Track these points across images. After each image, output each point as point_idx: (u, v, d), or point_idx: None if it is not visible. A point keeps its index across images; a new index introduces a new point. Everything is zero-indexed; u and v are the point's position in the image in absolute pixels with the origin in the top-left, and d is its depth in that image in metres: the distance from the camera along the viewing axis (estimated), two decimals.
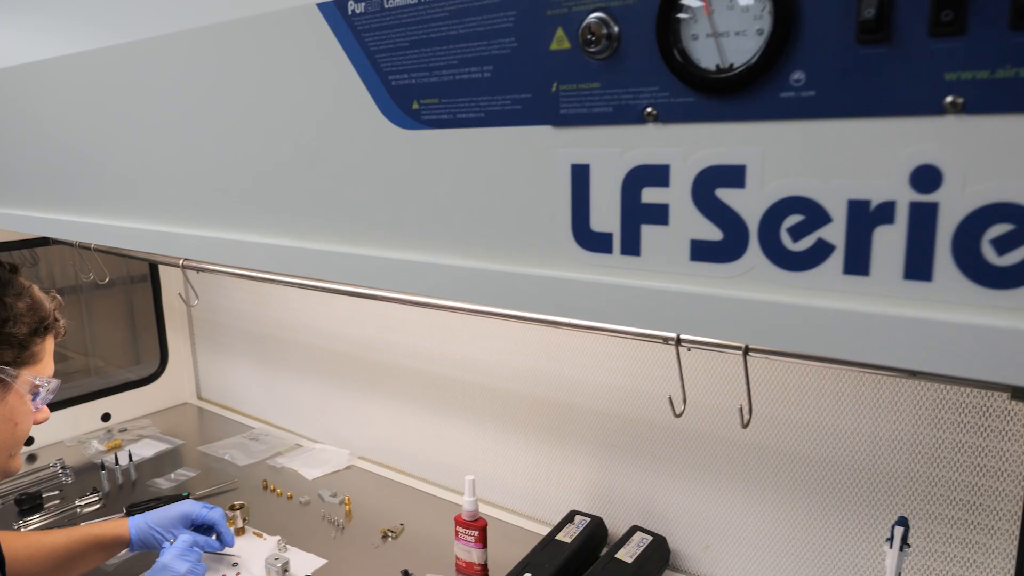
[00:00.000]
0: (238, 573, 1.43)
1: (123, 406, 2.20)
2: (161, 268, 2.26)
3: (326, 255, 0.77)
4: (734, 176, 0.52)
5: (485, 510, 1.44)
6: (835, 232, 0.49)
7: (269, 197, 0.83)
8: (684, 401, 0.96)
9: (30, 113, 1.21)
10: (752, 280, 0.52)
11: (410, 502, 1.71)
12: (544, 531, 1.56)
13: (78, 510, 1.67)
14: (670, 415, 1.37)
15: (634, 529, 1.41)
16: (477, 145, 0.65)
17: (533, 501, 1.62)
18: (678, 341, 0.92)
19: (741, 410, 0.88)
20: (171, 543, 1.28)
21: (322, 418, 2.03)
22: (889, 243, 0.47)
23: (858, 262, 0.48)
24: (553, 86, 0.59)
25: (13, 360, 0.99)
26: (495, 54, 0.62)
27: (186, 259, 1.59)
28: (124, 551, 1.37)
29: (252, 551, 1.49)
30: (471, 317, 1.60)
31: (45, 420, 1.08)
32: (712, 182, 0.53)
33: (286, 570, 1.40)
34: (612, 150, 0.57)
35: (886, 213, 0.47)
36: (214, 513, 1.42)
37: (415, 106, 0.68)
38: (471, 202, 0.66)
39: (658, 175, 0.55)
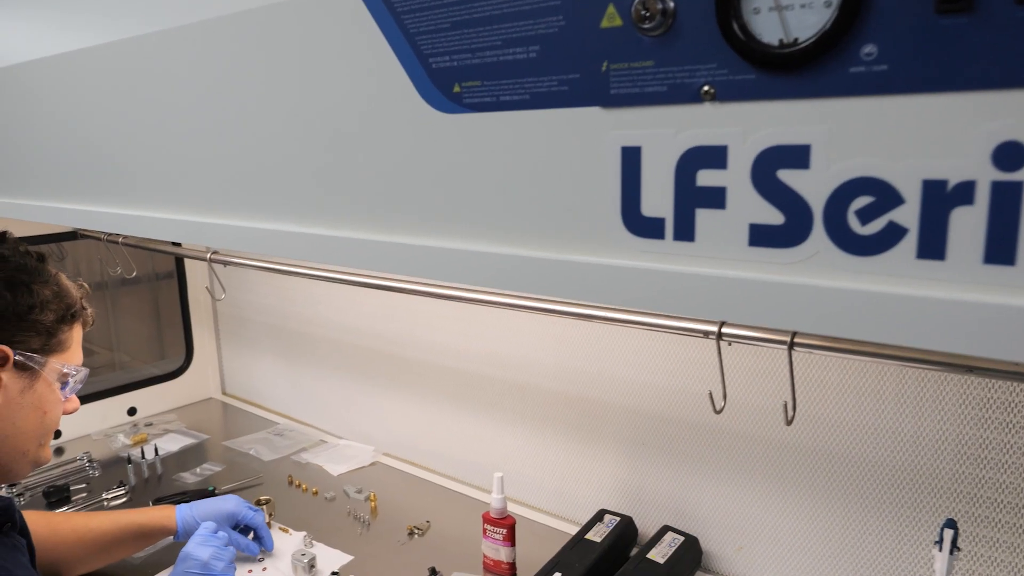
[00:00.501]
0: (264, 568, 1.42)
1: (149, 400, 2.21)
2: (187, 263, 2.27)
3: (362, 244, 0.76)
4: (798, 156, 0.50)
5: (512, 508, 1.42)
6: (908, 214, 0.46)
7: (303, 185, 0.82)
8: (724, 397, 0.93)
9: (59, 105, 1.21)
10: (816, 266, 0.50)
11: (436, 499, 1.69)
12: (572, 530, 1.53)
13: (105, 503, 1.67)
14: (703, 412, 1.35)
15: (665, 529, 1.38)
16: (521, 128, 0.63)
17: (561, 500, 1.60)
18: (719, 335, 0.90)
19: (786, 406, 0.85)
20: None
21: (347, 414, 2.02)
22: (968, 225, 0.44)
23: (933, 246, 0.46)
24: (603, 65, 0.57)
25: (40, 348, 0.98)
26: (541, 33, 0.60)
27: (214, 253, 1.58)
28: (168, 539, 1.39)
29: (278, 546, 1.48)
30: (499, 312, 1.58)
31: (75, 410, 1.07)
32: (773, 163, 0.51)
33: (313, 566, 1.39)
34: (665, 131, 0.55)
35: (965, 193, 0.44)
36: (258, 517, 1.43)
37: (456, 89, 0.66)
38: (514, 188, 0.64)
39: (715, 156, 0.53)
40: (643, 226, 0.57)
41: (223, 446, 1.99)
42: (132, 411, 2.17)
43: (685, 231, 0.55)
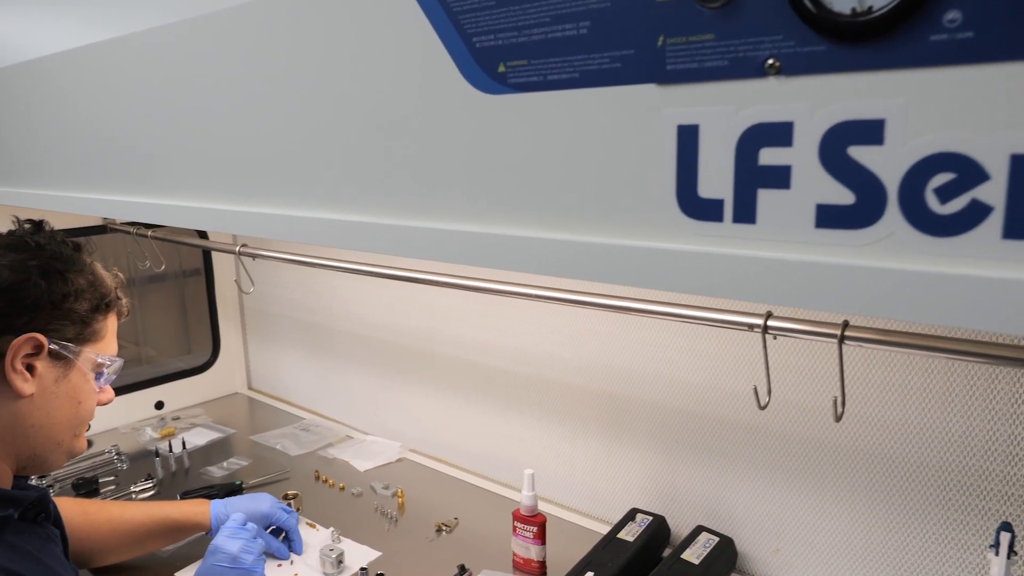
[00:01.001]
0: (291, 562, 1.41)
1: (176, 395, 2.22)
2: (215, 257, 2.27)
3: (399, 231, 0.74)
4: (871, 132, 0.47)
5: (540, 506, 1.39)
6: (993, 191, 0.43)
7: (339, 172, 0.80)
8: (769, 392, 0.90)
9: (87, 96, 1.21)
10: (889, 247, 0.47)
11: (463, 496, 1.67)
12: (602, 529, 1.51)
13: (133, 496, 1.67)
14: (738, 409, 1.32)
15: (699, 529, 1.35)
16: (570, 108, 0.60)
17: (591, 498, 1.57)
18: (765, 328, 0.87)
19: (836, 402, 0.82)
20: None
21: (373, 410, 2.01)
22: None
23: (1021, 225, 0.43)
24: (659, 40, 0.54)
25: (75, 337, 0.97)
26: (593, 8, 0.57)
27: (242, 246, 1.58)
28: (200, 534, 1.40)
29: (306, 541, 1.47)
30: (528, 307, 1.56)
31: (109, 401, 1.07)
32: (844, 139, 0.48)
33: (341, 561, 1.38)
34: (726, 108, 0.52)
35: None
36: (292, 519, 1.43)
37: (501, 69, 0.64)
38: (562, 170, 0.62)
39: (779, 134, 0.50)
40: (700, 208, 0.55)
41: (249, 440, 1.99)
42: (159, 405, 2.18)
43: (745, 213, 0.53)
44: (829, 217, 0.49)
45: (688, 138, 0.54)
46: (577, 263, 0.60)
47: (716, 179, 0.54)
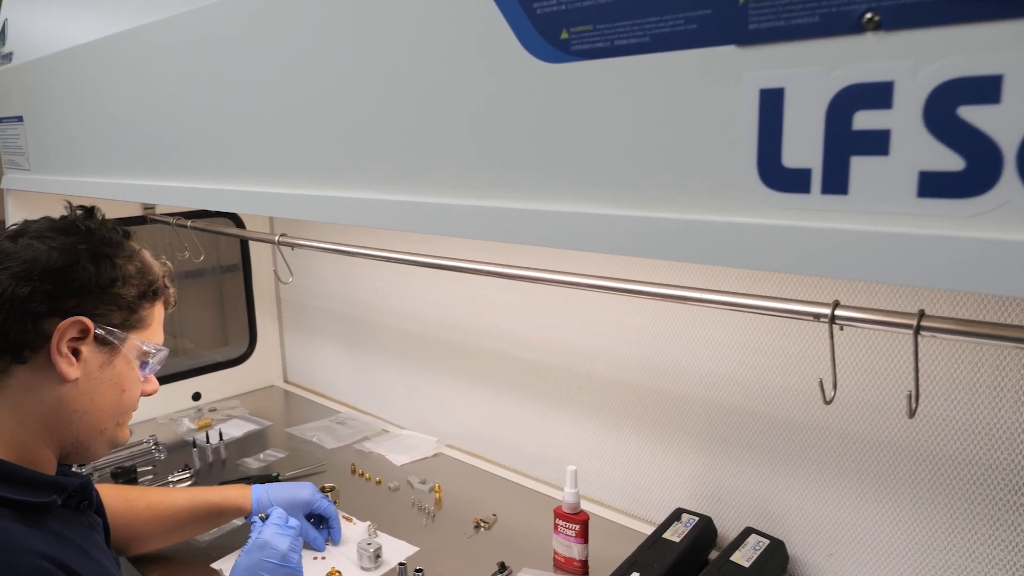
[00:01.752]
0: (323, 557, 1.39)
1: (213, 386, 2.22)
2: (252, 250, 2.27)
3: (453, 209, 0.71)
4: (985, 90, 0.42)
5: (581, 505, 1.35)
6: None
7: (388, 150, 0.77)
8: (835, 386, 0.86)
9: (128, 82, 1.20)
10: (1004, 218, 0.43)
11: (501, 493, 1.64)
12: (645, 529, 1.47)
13: (171, 485, 1.67)
14: (790, 407, 1.27)
15: (748, 531, 1.30)
16: (640, 75, 0.57)
17: (633, 497, 1.53)
18: (832, 319, 0.82)
19: (910, 397, 0.77)
20: (262, 518, 1.24)
21: (409, 404, 1.98)
22: None
23: None
24: None
25: (121, 323, 0.96)
26: None
27: (281, 235, 1.56)
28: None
29: (343, 534, 1.45)
30: (571, 299, 1.52)
31: (154, 392, 1.05)
32: (953, 99, 0.44)
33: (378, 555, 1.36)
34: (816, 69, 0.48)
35: None
36: (333, 508, 1.42)
37: (564, 36, 0.61)
38: (631, 143, 0.58)
39: (877, 95, 0.46)
40: (784, 179, 0.51)
41: (286, 433, 1.98)
42: (196, 396, 2.18)
43: (836, 183, 0.48)
44: (934, 185, 0.45)
45: (772, 103, 0.50)
46: (650, 241, 0.57)
47: (803, 147, 0.49)
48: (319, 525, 1.43)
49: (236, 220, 2.16)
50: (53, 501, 0.91)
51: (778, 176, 0.51)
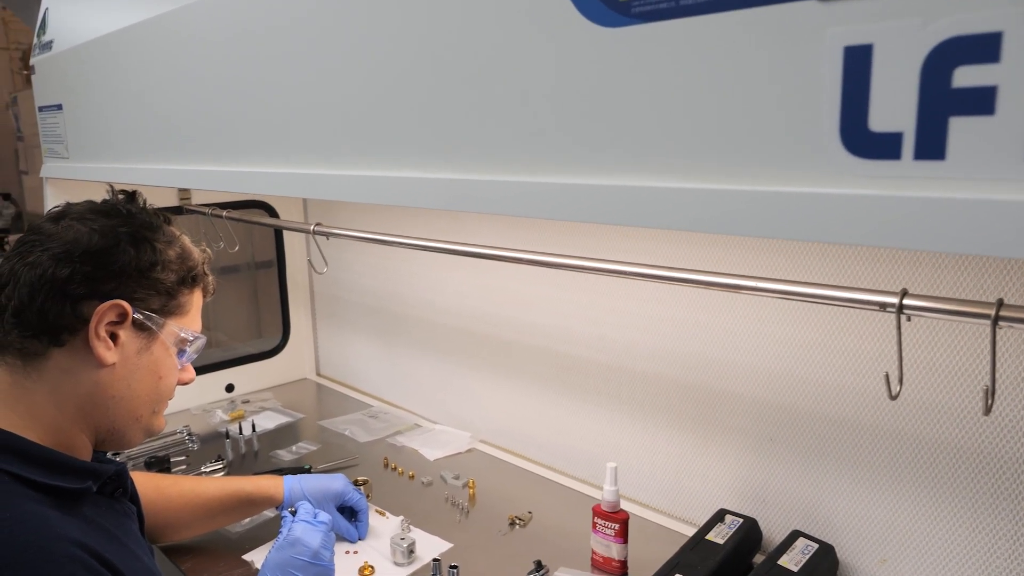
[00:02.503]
0: (356, 551, 1.36)
1: (246, 378, 2.22)
2: (287, 242, 2.26)
3: (509, 187, 0.67)
4: None
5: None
6: None
7: (436, 126, 0.74)
8: (900, 381, 0.80)
9: (163, 66, 1.19)
10: None
11: (537, 490, 1.60)
12: (685, 530, 1.42)
13: (204, 476, 1.66)
14: (841, 405, 1.21)
15: (796, 534, 1.25)
16: (709, 36, 0.53)
17: (672, 497, 1.48)
18: (900, 308, 0.77)
19: (987, 392, 0.72)
20: (292, 512, 1.22)
21: (442, 398, 1.96)
22: None
23: None
24: None
25: (160, 308, 0.95)
26: None
27: (317, 225, 1.54)
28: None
29: (377, 528, 1.43)
30: (609, 290, 1.48)
31: (190, 381, 1.04)
32: None
33: (412, 551, 1.33)
34: (909, 21, 0.44)
35: None
36: (363, 501, 1.41)
37: None
38: (700, 109, 0.54)
39: (983, 48, 0.42)
40: (870, 144, 0.46)
41: (318, 426, 1.97)
42: (230, 388, 2.18)
43: (932, 147, 0.44)
44: None
45: (858, 61, 0.46)
46: (722, 215, 0.52)
47: (893, 108, 0.45)
48: (350, 518, 1.41)
49: (270, 212, 2.16)
50: (88, 487, 0.89)
51: (864, 142, 0.47)
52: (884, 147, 0.46)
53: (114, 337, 0.90)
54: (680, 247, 1.35)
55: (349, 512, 1.41)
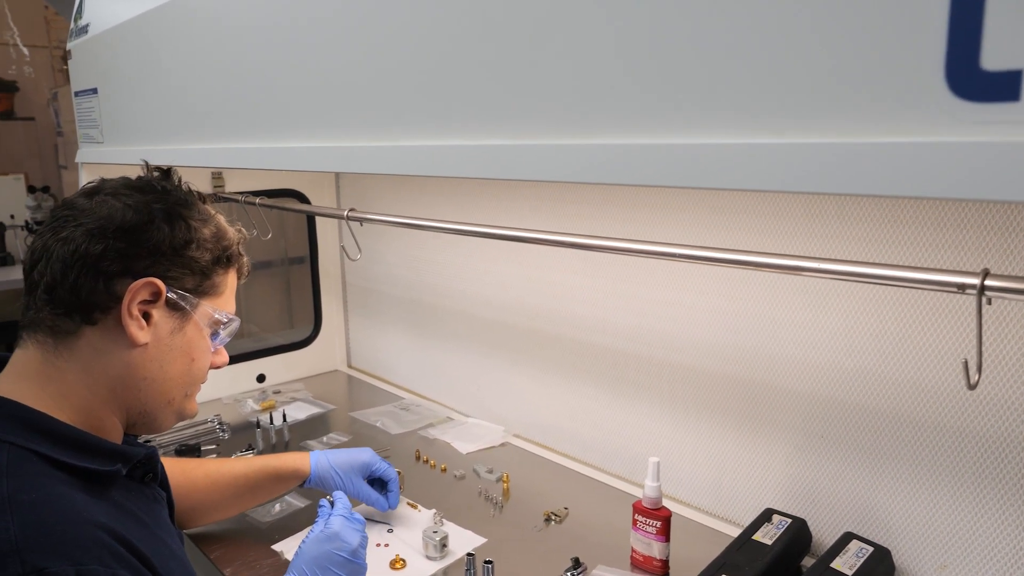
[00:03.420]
0: (387, 544, 1.33)
1: (277, 369, 2.20)
2: (319, 231, 2.24)
3: (559, 151, 0.62)
4: None
5: None
6: None
7: (477, 89, 0.70)
8: (979, 369, 0.74)
9: (198, 42, 1.16)
10: None
11: (572, 485, 1.56)
12: (727, 529, 1.37)
13: None
14: (898, 400, 1.14)
15: (848, 536, 1.18)
16: None
17: (714, 495, 1.42)
18: (981, 290, 0.70)
19: None
20: (330, 502, 1.19)
21: (475, 392, 1.92)
22: None
23: None
24: None
25: (194, 288, 0.92)
26: None
27: (350, 210, 1.51)
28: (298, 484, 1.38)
29: (407, 520, 1.40)
30: (649, 282, 1.43)
31: (223, 364, 1.01)
32: None
33: (445, 545, 1.29)
34: None
35: None
36: (392, 471, 1.39)
37: None
38: (778, 51, 0.49)
39: None
40: (982, 86, 0.41)
41: (349, 417, 1.94)
42: (261, 378, 2.17)
43: None
44: None
45: None
46: (806, 171, 0.47)
47: (1011, 43, 0.40)
48: (379, 490, 1.39)
49: (303, 201, 2.14)
50: (117, 470, 0.87)
51: (974, 82, 0.41)
52: (999, 88, 0.40)
53: (147, 317, 0.88)
54: (718, 232, 1.29)
55: (378, 484, 1.39)
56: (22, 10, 5.76)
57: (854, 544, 1.17)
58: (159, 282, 0.87)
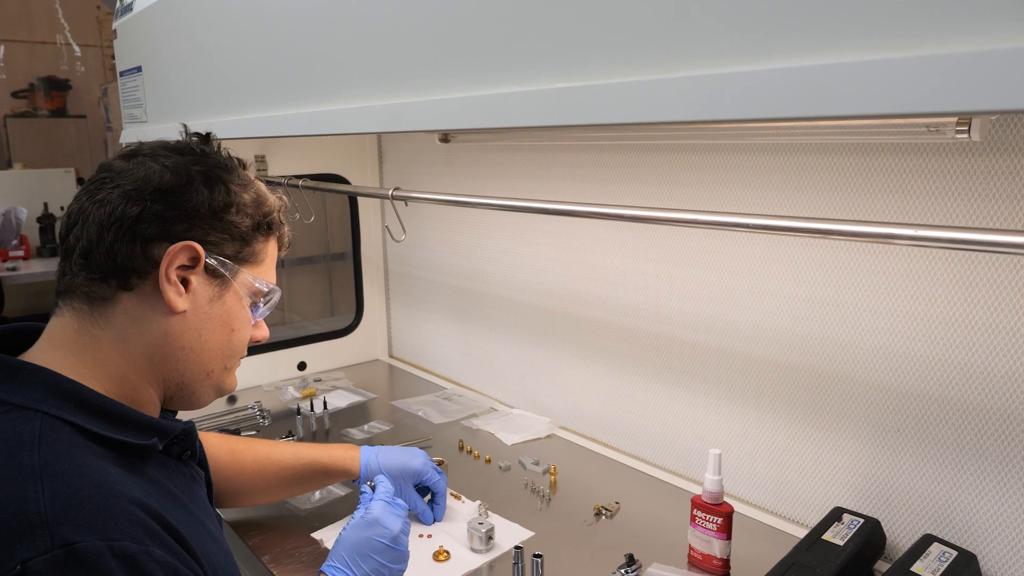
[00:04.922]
0: (430, 535, 1.27)
1: (318, 357, 2.17)
2: (362, 222, 2.20)
3: (637, 87, 0.55)
4: None
5: None
6: None
7: (534, 31, 0.64)
8: None
9: (241, 10, 1.12)
10: None
11: (623, 479, 1.48)
12: (791, 529, 1.28)
13: None
14: (984, 392, 1.05)
15: (928, 539, 1.09)
16: None
17: (776, 492, 1.34)
18: None
19: None
20: (371, 487, 1.13)
21: (520, 382, 1.85)
22: None
23: None
24: None
25: (234, 255, 0.87)
26: None
27: (395, 189, 1.46)
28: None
29: (450, 512, 1.34)
30: (709, 265, 1.35)
31: (264, 339, 0.96)
32: None
33: (491, 537, 1.23)
34: None
35: None
36: (443, 482, 1.32)
37: None
38: None
39: None
40: None
41: (390, 406, 1.90)
42: (302, 366, 2.14)
43: None
44: None
45: None
46: (931, 88, 0.40)
47: None
48: (425, 498, 1.32)
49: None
50: (153, 444, 0.82)
51: None
52: None
53: (185, 283, 0.84)
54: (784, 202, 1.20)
55: (425, 492, 1.32)
56: (73, 9, 5.89)
57: (935, 547, 1.07)
58: (198, 246, 0.83)
